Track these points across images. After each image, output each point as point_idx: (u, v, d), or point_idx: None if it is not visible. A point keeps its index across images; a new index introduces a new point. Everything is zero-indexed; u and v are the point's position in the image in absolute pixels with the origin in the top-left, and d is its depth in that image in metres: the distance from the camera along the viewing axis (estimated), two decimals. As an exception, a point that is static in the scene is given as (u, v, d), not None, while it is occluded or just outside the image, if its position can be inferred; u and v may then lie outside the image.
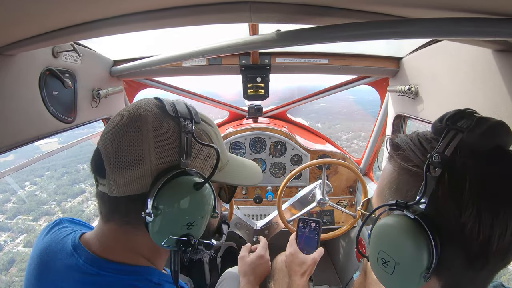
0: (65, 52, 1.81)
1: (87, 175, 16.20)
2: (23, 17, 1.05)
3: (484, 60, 1.48)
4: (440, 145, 0.73)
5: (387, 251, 0.75)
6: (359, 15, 1.15)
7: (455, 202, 0.69)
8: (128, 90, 3.21)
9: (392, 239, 0.75)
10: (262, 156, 3.35)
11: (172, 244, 0.88)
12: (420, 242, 0.70)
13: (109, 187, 0.87)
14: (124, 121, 0.90)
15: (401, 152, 0.82)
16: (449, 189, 0.70)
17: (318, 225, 2.11)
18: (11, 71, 1.47)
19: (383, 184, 0.88)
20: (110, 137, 0.89)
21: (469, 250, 0.70)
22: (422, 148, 0.78)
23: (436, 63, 1.96)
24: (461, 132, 0.72)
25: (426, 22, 1.01)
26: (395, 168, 0.84)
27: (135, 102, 0.96)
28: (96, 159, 0.91)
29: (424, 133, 0.83)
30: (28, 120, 1.60)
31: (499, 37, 1.01)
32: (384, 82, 2.92)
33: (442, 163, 0.70)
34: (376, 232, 0.80)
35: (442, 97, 1.89)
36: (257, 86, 2.72)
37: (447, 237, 0.70)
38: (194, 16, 1.16)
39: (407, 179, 0.80)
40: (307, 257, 1.93)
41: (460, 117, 0.75)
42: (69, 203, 14.18)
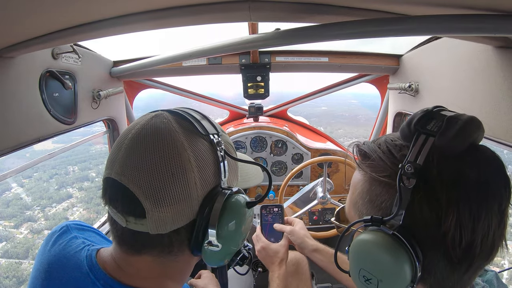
0: (65, 53, 1.81)
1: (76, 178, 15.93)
2: (22, 19, 1.05)
3: (484, 57, 1.47)
4: (411, 153, 0.69)
5: (367, 269, 0.73)
6: (359, 13, 1.15)
7: (433, 212, 0.67)
8: (128, 90, 3.21)
9: (371, 256, 0.72)
10: (263, 155, 3.35)
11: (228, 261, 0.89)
12: (401, 257, 0.68)
13: (152, 225, 0.76)
14: (156, 150, 0.77)
15: (370, 161, 0.78)
16: (425, 199, 0.68)
17: (280, 210, 2.13)
18: (11, 73, 1.47)
19: (355, 194, 0.84)
20: (141, 172, 0.76)
21: (452, 257, 0.68)
22: (391, 156, 0.75)
23: (436, 60, 1.95)
24: (432, 136, 0.69)
25: (426, 19, 1.01)
26: (365, 178, 0.80)
27: (147, 121, 0.83)
28: (124, 198, 0.77)
29: (393, 138, 0.79)
30: (28, 122, 1.60)
31: (499, 33, 1.00)
32: (384, 79, 2.92)
33: (416, 173, 0.67)
34: (355, 249, 0.76)
35: (443, 94, 1.89)
36: (257, 85, 2.72)
37: (428, 246, 0.69)
38: (193, 16, 1.16)
39: (379, 190, 0.76)
40: (278, 246, 1.93)
41: (428, 119, 0.72)
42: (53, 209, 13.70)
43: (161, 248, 0.82)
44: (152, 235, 0.77)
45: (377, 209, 0.77)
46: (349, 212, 0.90)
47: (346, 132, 6.55)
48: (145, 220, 0.76)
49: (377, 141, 0.81)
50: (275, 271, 1.84)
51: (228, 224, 0.81)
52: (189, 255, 0.87)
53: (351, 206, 0.88)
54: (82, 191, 15.39)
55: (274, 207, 2.14)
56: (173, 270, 0.89)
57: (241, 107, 3.90)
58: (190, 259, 0.90)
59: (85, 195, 15.33)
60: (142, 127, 0.81)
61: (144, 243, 0.81)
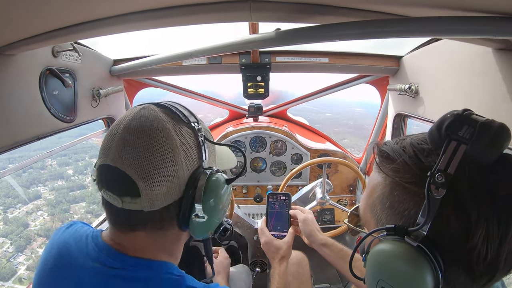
0: (65, 51, 1.81)
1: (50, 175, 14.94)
2: (23, 17, 1.05)
3: (484, 59, 1.47)
4: (442, 161, 0.65)
5: (387, 280, 0.69)
6: (359, 13, 1.15)
7: (461, 225, 0.63)
8: (128, 89, 3.21)
9: (392, 268, 0.69)
10: (262, 155, 3.36)
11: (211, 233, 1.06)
12: (424, 271, 0.64)
13: (145, 203, 0.87)
14: (146, 136, 0.89)
15: (395, 165, 0.73)
16: (455, 212, 0.64)
17: (288, 198, 2.12)
18: (11, 71, 1.47)
19: (374, 197, 0.80)
20: (135, 157, 0.87)
21: (475, 271, 0.65)
22: (419, 162, 0.70)
23: (436, 61, 1.96)
24: (464, 143, 0.64)
25: (426, 21, 1.01)
26: (386, 181, 0.76)
27: (137, 113, 0.94)
28: (120, 181, 0.88)
29: (419, 141, 0.74)
30: (28, 120, 1.60)
31: (499, 35, 1.00)
32: (384, 81, 2.92)
33: (446, 183, 0.63)
34: (374, 259, 0.72)
35: (442, 95, 1.89)
36: (257, 85, 2.72)
37: (451, 260, 0.66)
38: (194, 15, 1.16)
39: (403, 197, 0.71)
40: (281, 242, 1.92)
41: (460, 124, 0.66)
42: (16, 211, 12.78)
43: (153, 223, 0.93)
44: (145, 213, 0.89)
45: (398, 217, 0.73)
46: (364, 214, 0.86)
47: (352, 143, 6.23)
48: (140, 199, 0.87)
49: (401, 143, 0.76)
50: (275, 268, 1.85)
51: (211, 199, 0.95)
52: (177, 230, 0.99)
53: (367, 208, 0.83)
54: (52, 192, 14.52)
55: (282, 195, 2.13)
56: (164, 244, 1.00)
57: (241, 107, 3.90)
58: (179, 234, 1.02)
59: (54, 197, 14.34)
60: (133, 118, 0.92)
61: (138, 220, 0.92)
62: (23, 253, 12.73)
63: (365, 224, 0.86)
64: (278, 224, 2.05)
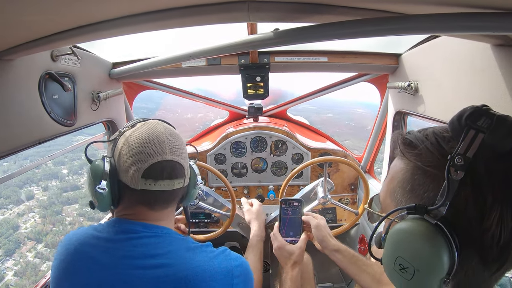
0: (64, 55, 1.81)
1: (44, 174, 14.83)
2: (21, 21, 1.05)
3: (483, 55, 1.47)
4: (461, 146, 0.69)
5: (406, 257, 0.73)
6: (357, 12, 1.15)
7: (477, 207, 0.67)
8: (128, 92, 3.21)
9: (411, 245, 0.72)
10: (263, 155, 3.35)
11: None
12: (441, 249, 0.68)
13: (186, 179, 1.37)
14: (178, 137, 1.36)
15: (417, 151, 0.78)
16: (472, 194, 0.68)
17: (300, 204, 2.13)
18: (11, 76, 1.48)
19: (394, 183, 0.84)
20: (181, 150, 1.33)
21: (487, 255, 0.69)
22: (440, 147, 0.74)
23: (435, 58, 1.95)
24: (482, 132, 0.68)
25: (425, 18, 1.01)
26: (408, 167, 0.80)
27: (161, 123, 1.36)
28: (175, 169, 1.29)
29: (441, 130, 0.78)
30: (28, 124, 1.61)
31: (498, 31, 1.00)
32: (384, 79, 2.92)
33: (465, 166, 0.67)
34: (394, 237, 0.76)
35: (442, 92, 1.89)
36: (257, 85, 2.72)
37: (466, 241, 0.69)
38: (192, 17, 1.16)
39: (423, 180, 0.76)
40: (294, 248, 1.95)
41: (478, 115, 0.70)
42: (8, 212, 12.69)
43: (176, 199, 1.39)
44: (178, 191, 1.33)
45: (418, 199, 0.77)
46: (384, 200, 0.90)
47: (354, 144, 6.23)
48: (184, 178, 1.34)
49: (424, 132, 0.80)
50: (288, 272, 1.87)
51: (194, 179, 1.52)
52: (175, 205, 1.43)
53: (388, 194, 0.87)
54: (46, 192, 14.47)
55: (294, 201, 2.14)
56: (171, 216, 1.44)
57: (240, 108, 3.90)
58: (174, 207, 1.44)
59: (47, 198, 14.29)
60: (163, 127, 1.33)
61: (174, 197, 1.36)
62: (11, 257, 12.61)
63: (385, 210, 0.90)
64: (291, 230, 2.06)
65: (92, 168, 1.27)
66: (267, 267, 2.89)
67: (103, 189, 1.21)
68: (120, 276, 1.16)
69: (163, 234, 1.28)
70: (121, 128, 1.34)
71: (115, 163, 1.26)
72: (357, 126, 15.11)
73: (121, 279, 1.16)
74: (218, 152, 3.32)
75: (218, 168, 3.30)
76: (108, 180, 1.23)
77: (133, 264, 1.18)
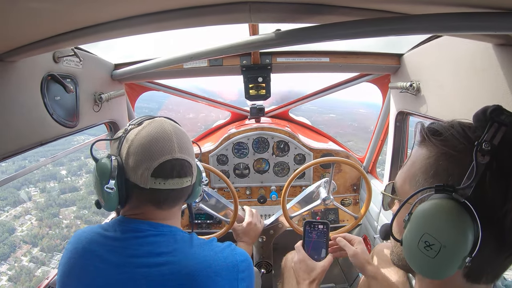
0: (66, 57, 1.82)
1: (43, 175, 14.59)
2: (23, 23, 1.06)
3: (485, 55, 1.47)
4: (487, 135, 0.74)
5: (433, 233, 0.76)
6: (359, 12, 1.15)
7: (501, 190, 0.73)
8: (130, 93, 3.22)
9: (440, 221, 0.76)
10: (265, 156, 3.35)
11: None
12: (468, 226, 0.72)
13: (193, 177, 1.37)
14: (185, 135, 1.36)
15: (443, 137, 0.83)
16: (496, 177, 0.73)
17: (326, 227, 2.00)
18: (13, 77, 1.48)
19: (415, 169, 0.89)
20: (188, 149, 1.32)
21: (505, 237, 0.74)
22: (466, 135, 0.80)
23: (437, 58, 1.95)
24: (505, 125, 0.74)
25: (426, 18, 1.01)
26: (431, 153, 0.85)
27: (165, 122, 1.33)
28: (184, 167, 1.29)
29: (466, 123, 0.85)
30: (31, 126, 1.61)
31: (500, 31, 1.00)
32: (386, 79, 2.92)
33: (491, 151, 0.72)
34: (422, 214, 0.80)
35: (444, 92, 1.89)
36: (259, 86, 2.72)
37: (488, 222, 0.72)
38: (194, 18, 1.17)
39: (447, 165, 0.81)
40: (316, 264, 1.84)
41: (501, 111, 0.76)
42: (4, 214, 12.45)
43: (184, 197, 1.39)
44: (186, 189, 1.33)
45: (443, 183, 0.80)
46: (402, 186, 0.95)
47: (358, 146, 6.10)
48: (192, 176, 1.34)
49: (448, 123, 0.86)
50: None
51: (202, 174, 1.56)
52: (182, 204, 1.44)
53: (407, 180, 0.92)
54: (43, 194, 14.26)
55: (319, 224, 2.01)
56: (178, 215, 1.44)
57: (242, 108, 3.90)
58: (180, 206, 1.45)
59: (44, 200, 14.06)
60: (171, 125, 1.32)
61: (182, 195, 1.35)
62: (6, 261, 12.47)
63: (402, 196, 0.94)
64: (315, 253, 1.94)
65: (99, 167, 1.25)
66: (269, 268, 2.89)
67: (111, 189, 1.20)
68: (126, 275, 1.17)
69: (168, 233, 1.29)
70: (127, 126, 1.32)
71: (122, 162, 1.25)
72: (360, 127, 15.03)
73: (127, 278, 1.17)
74: (220, 153, 3.33)
75: (220, 169, 3.30)
76: (116, 179, 1.22)
77: (139, 262, 1.19)
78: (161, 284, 1.16)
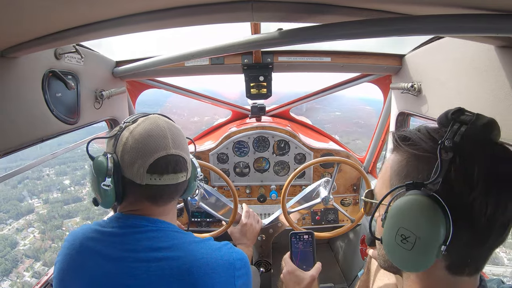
0: (68, 53, 1.82)
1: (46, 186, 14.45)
2: (25, 19, 1.06)
3: (487, 57, 1.47)
4: (449, 134, 0.82)
5: (408, 227, 0.82)
6: (361, 12, 1.15)
7: (465, 181, 0.78)
8: (131, 90, 3.22)
9: (413, 215, 0.82)
10: (265, 155, 3.36)
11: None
12: (439, 217, 0.78)
13: (188, 172, 1.38)
14: (179, 130, 1.38)
15: (410, 141, 0.91)
16: (460, 170, 0.79)
17: (311, 237, 2.02)
18: (15, 74, 1.48)
19: (389, 173, 0.97)
20: (182, 145, 1.34)
21: (476, 225, 0.79)
22: (431, 137, 0.87)
23: (438, 60, 1.95)
24: (465, 124, 0.82)
25: (429, 19, 1.01)
26: (403, 157, 0.92)
27: (162, 117, 1.36)
28: (179, 163, 1.30)
29: (430, 126, 0.92)
30: (32, 122, 1.61)
31: (502, 33, 1.00)
32: (387, 79, 2.92)
33: (454, 148, 0.80)
34: (395, 210, 0.86)
35: (445, 94, 1.88)
36: (260, 85, 2.72)
37: (458, 213, 0.78)
38: (196, 16, 1.17)
39: (416, 165, 0.88)
40: (306, 274, 1.82)
41: (462, 113, 0.85)
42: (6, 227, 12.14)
43: (179, 193, 1.40)
44: (182, 184, 1.35)
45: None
46: (380, 190, 1.02)
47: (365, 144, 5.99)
48: (187, 171, 1.36)
49: (416, 128, 0.94)
50: None
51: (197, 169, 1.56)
52: (176, 200, 1.44)
53: (383, 185, 1.00)
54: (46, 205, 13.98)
55: (304, 234, 2.02)
56: (173, 210, 1.45)
57: (243, 107, 3.90)
58: (175, 202, 1.47)
59: (47, 212, 13.79)
60: (165, 121, 1.33)
61: (178, 191, 1.37)
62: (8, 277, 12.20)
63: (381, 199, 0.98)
64: (304, 263, 1.93)
65: (95, 165, 1.26)
66: (268, 267, 2.89)
67: (108, 186, 1.22)
68: (125, 269, 1.18)
69: (166, 228, 1.31)
70: (122, 124, 1.33)
71: (118, 159, 1.26)
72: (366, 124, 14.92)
73: (126, 272, 1.18)
74: (220, 151, 3.33)
75: (220, 168, 3.30)
76: (112, 177, 1.24)
77: (138, 257, 1.20)
78: (161, 278, 1.18)
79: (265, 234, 2.76)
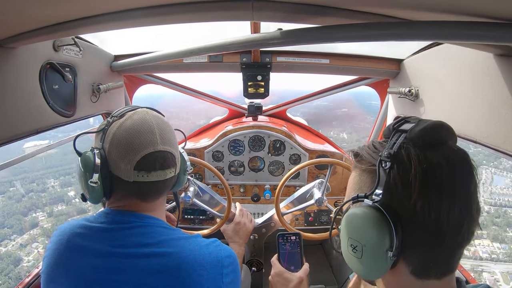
0: (66, 46, 1.81)
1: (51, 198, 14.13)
2: (25, 10, 1.05)
3: (484, 64, 1.48)
4: (389, 145, 0.86)
5: (354, 236, 0.88)
6: (361, 16, 1.16)
7: (405, 186, 0.80)
8: (128, 85, 3.21)
9: (356, 225, 0.88)
10: (261, 154, 3.35)
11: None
12: (380, 223, 0.81)
13: (177, 168, 1.36)
14: (168, 125, 1.33)
15: (359, 157, 0.96)
16: (398, 177, 0.81)
17: (299, 238, 2.03)
18: (12, 64, 1.47)
19: (349, 189, 1.02)
20: (170, 140, 1.31)
21: (425, 228, 0.80)
22: (375, 150, 0.91)
23: (437, 66, 1.96)
24: (405, 132, 0.86)
25: (428, 25, 1.01)
26: (356, 172, 0.99)
27: (150, 112, 1.32)
28: (167, 159, 1.28)
29: (377, 140, 0.96)
30: (27, 113, 1.60)
31: (500, 41, 1.01)
32: (385, 83, 2.93)
33: (390, 157, 0.83)
34: (344, 223, 0.93)
35: (442, 100, 1.89)
36: (258, 84, 2.72)
37: (404, 218, 0.81)
38: (196, 13, 1.17)
39: (366, 178, 0.93)
40: (293, 275, 1.83)
41: (404, 122, 0.90)
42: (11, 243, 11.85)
43: (168, 188, 1.38)
44: (170, 180, 1.33)
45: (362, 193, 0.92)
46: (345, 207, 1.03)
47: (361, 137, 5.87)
48: (175, 166, 1.33)
49: (365, 144, 0.98)
50: None
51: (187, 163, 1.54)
52: (166, 195, 1.43)
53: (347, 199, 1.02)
54: (51, 218, 13.71)
55: (292, 235, 2.04)
56: (162, 206, 1.44)
57: (240, 106, 3.90)
58: (165, 198, 1.45)
59: (51, 225, 13.55)
60: (153, 116, 1.30)
61: (167, 187, 1.35)
62: None
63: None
64: (291, 264, 1.95)
65: (83, 160, 1.24)
66: (260, 266, 2.89)
67: (95, 183, 1.21)
68: (114, 264, 1.18)
69: (154, 224, 1.30)
70: (109, 118, 1.29)
71: (105, 155, 1.24)
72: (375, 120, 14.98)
73: (115, 267, 1.17)
74: (216, 149, 3.32)
75: (215, 166, 3.30)
76: (100, 172, 1.22)
77: (126, 253, 1.19)
78: (149, 274, 1.17)
79: (257, 234, 2.76)
